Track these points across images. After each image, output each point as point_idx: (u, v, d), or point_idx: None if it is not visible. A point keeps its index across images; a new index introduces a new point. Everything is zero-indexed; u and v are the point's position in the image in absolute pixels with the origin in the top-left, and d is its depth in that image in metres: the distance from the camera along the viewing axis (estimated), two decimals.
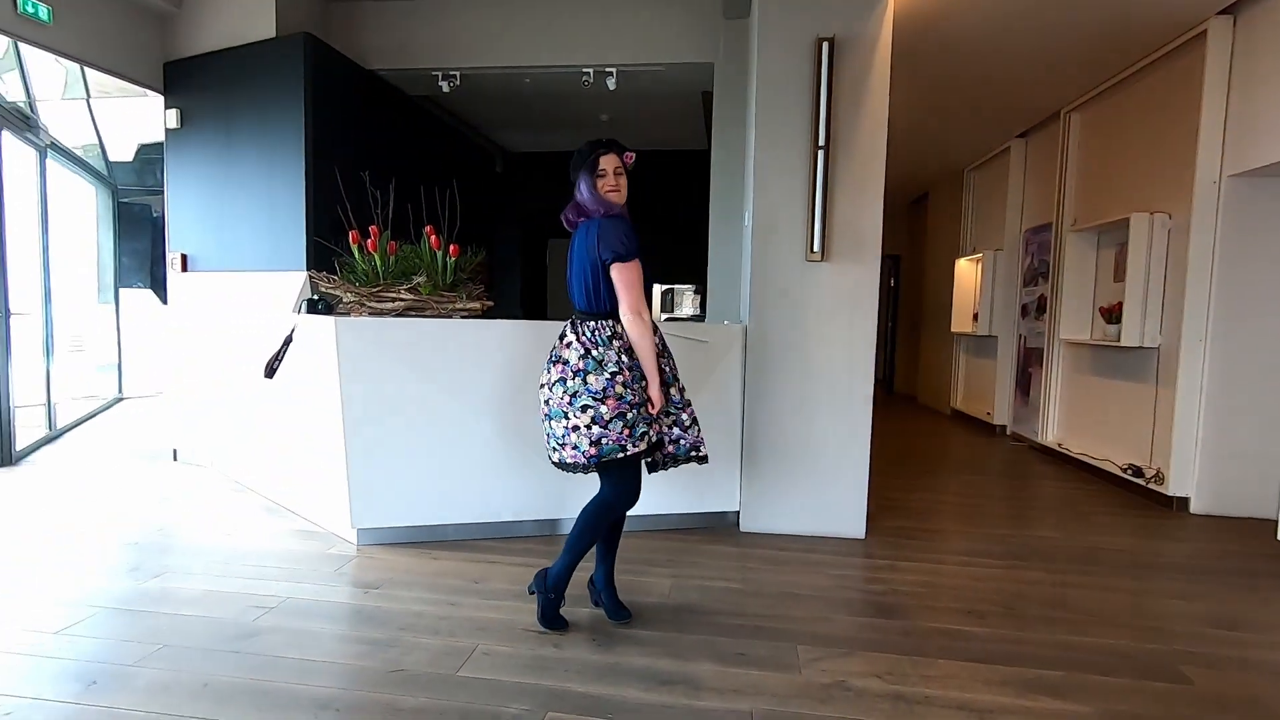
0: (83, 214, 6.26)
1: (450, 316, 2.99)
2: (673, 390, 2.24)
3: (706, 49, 4.39)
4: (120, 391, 6.69)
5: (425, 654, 2.05)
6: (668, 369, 2.24)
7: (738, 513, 3.27)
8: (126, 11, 4.01)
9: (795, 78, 3.09)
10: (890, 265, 9.39)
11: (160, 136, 4.33)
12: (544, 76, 4.74)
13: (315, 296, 3.51)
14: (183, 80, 4.21)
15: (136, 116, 6.34)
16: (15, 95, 4.86)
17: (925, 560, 2.94)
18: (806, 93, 3.08)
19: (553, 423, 2.13)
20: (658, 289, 8.11)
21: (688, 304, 8.25)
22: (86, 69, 4.31)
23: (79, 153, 6.02)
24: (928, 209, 8.34)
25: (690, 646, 2.14)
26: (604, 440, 2.06)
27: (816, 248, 3.08)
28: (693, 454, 2.26)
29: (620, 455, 2.07)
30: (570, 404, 2.08)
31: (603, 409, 2.06)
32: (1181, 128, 3.81)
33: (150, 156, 6.60)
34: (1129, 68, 4.29)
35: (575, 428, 2.08)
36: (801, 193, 3.11)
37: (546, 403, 2.15)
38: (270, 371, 3.36)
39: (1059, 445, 5.08)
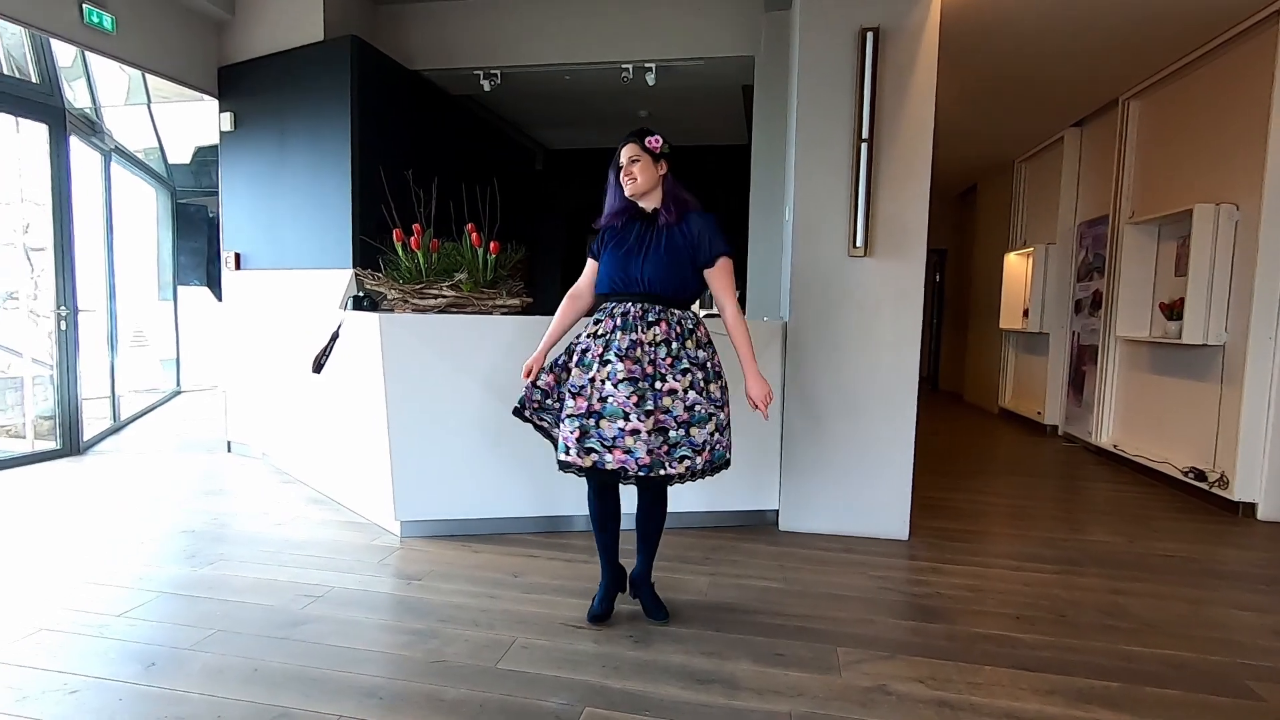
0: (144, 215, 6.54)
1: (491, 313, 3.02)
2: (603, 384, 2.08)
3: (747, 42, 4.34)
4: (179, 385, 6.97)
5: (466, 646, 2.09)
6: (590, 354, 2.13)
7: (776, 511, 3.23)
8: (184, 20, 4.17)
9: (838, 69, 3.02)
10: (936, 259, 9.16)
11: (215, 139, 4.49)
12: (583, 73, 4.76)
13: (361, 293, 3.60)
14: (236, 84, 4.35)
15: (193, 120, 6.59)
16: (82, 102, 5.09)
17: (971, 563, 2.86)
18: (849, 85, 3.01)
19: None
20: None
21: None
22: (147, 75, 4.48)
23: (140, 156, 6.29)
24: (976, 201, 8.10)
25: (728, 645, 2.12)
26: None
27: (859, 243, 3.02)
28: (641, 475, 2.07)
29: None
30: None
31: None
32: (1251, 113, 3.61)
33: (206, 159, 6.85)
34: (1194, 51, 4.08)
35: None
36: (844, 187, 3.05)
37: None
38: (318, 367, 3.46)
39: (1114, 446, 4.88)
